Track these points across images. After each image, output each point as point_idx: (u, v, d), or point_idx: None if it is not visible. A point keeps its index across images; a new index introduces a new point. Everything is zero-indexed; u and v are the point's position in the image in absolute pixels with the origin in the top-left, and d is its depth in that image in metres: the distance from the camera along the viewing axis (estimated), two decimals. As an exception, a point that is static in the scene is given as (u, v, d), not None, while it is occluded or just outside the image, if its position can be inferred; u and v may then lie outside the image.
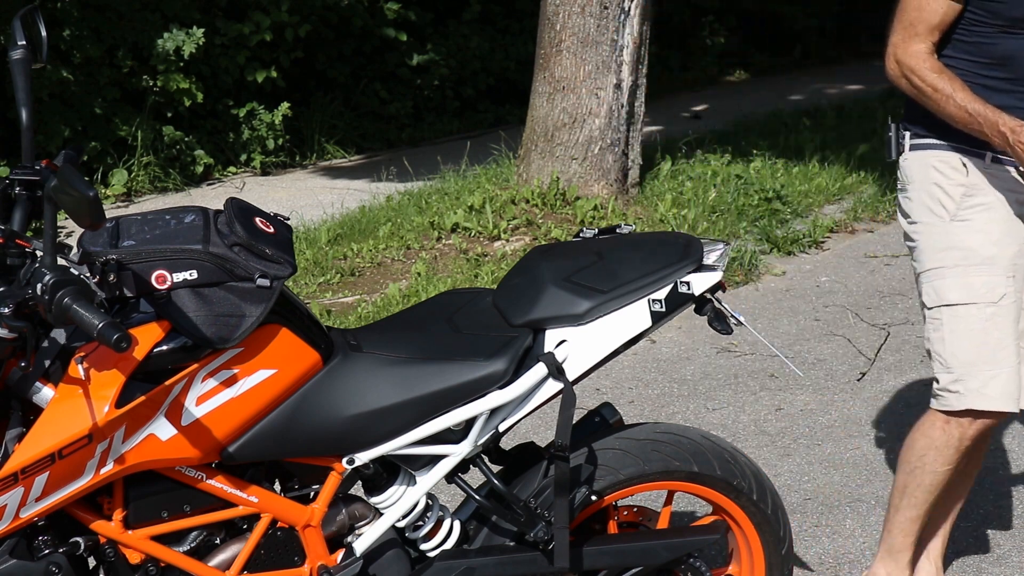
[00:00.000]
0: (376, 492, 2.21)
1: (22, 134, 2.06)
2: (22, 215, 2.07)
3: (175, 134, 8.33)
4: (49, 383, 1.90)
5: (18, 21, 2.09)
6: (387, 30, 9.93)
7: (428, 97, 10.31)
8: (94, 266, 1.90)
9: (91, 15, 8.15)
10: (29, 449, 1.87)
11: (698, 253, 2.25)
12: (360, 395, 2.11)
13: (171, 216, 2.04)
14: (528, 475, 2.31)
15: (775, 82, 12.30)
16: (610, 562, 2.34)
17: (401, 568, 2.24)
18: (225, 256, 1.96)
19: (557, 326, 2.18)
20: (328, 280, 5.73)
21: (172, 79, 8.29)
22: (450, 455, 2.18)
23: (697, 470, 2.36)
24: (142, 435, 1.95)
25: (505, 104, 10.72)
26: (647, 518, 2.48)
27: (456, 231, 6.23)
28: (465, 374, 2.13)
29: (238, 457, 2.07)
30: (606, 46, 6.35)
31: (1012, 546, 3.28)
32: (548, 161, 6.56)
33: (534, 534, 2.21)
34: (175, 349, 1.95)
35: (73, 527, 2.03)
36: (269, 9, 8.89)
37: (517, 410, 2.19)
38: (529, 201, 6.45)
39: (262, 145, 8.87)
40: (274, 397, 2.06)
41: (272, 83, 9.09)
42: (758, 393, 4.39)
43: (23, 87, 2.05)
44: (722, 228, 6.32)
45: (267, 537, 2.15)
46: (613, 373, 4.55)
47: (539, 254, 2.35)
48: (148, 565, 2.08)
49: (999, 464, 3.78)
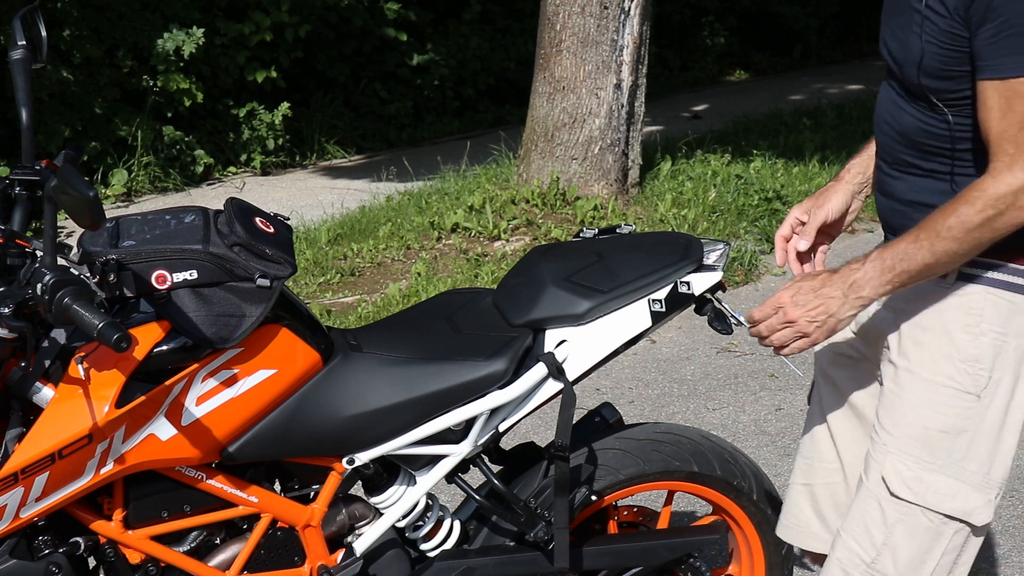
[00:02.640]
0: (376, 492, 2.21)
1: (22, 134, 2.06)
2: (22, 215, 2.07)
3: (175, 134, 8.33)
4: (49, 383, 1.90)
5: (18, 21, 2.09)
6: (387, 30, 9.94)
7: (428, 97, 10.31)
8: (94, 266, 1.90)
9: (91, 15, 8.15)
10: (29, 449, 1.87)
11: (698, 253, 2.24)
12: (360, 395, 2.11)
13: (171, 216, 2.04)
14: (528, 475, 2.31)
15: (775, 82, 12.29)
16: (610, 562, 2.34)
17: (401, 568, 2.24)
18: (225, 256, 1.96)
19: (557, 326, 2.18)
20: (328, 280, 5.73)
21: (172, 79, 8.29)
22: (450, 455, 2.18)
23: (697, 470, 2.36)
24: (142, 435, 1.95)
25: (505, 104, 10.72)
26: (647, 518, 2.48)
27: (456, 231, 6.23)
28: (465, 374, 2.13)
29: (238, 457, 2.07)
30: (606, 46, 6.34)
31: (1012, 546, 3.28)
32: (548, 161, 6.55)
33: (534, 534, 2.21)
34: (175, 349, 1.95)
35: (73, 527, 2.03)
36: (269, 9, 8.89)
37: (517, 410, 2.19)
38: (529, 201, 6.45)
39: (262, 145, 8.86)
40: (274, 397, 2.06)
41: (272, 83, 9.09)
42: (758, 393, 4.39)
43: (23, 87, 2.05)
44: (722, 228, 6.32)
45: (267, 537, 2.15)
46: (613, 373, 4.55)
47: (539, 254, 2.35)
48: (148, 565, 2.08)
49: (999, 464, 3.78)
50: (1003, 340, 1.86)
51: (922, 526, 1.91)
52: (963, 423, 1.89)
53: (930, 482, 1.90)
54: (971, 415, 1.88)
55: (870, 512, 1.95)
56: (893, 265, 1.83)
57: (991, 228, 1.76)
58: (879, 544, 1.94)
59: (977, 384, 1.87)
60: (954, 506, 1.90)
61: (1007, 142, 1.72)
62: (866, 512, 1.96)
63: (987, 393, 1.88)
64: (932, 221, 1.79)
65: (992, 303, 1.86)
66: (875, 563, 1.95)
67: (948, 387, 1.88)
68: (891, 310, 1.98)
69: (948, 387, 1.88)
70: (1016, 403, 1.90)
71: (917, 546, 1.92)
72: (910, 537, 1.92)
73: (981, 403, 1.88)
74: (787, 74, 12.97)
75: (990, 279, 1.85)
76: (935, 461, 1.90)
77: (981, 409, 1.88)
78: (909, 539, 1.92)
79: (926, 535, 1.92)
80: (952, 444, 1.89)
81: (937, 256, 1.80)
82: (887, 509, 1.93)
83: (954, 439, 1.89)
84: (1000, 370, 1.87)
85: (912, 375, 1.92)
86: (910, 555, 1.93)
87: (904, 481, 1.91)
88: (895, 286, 1.85)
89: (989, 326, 1.86)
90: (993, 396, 1.88)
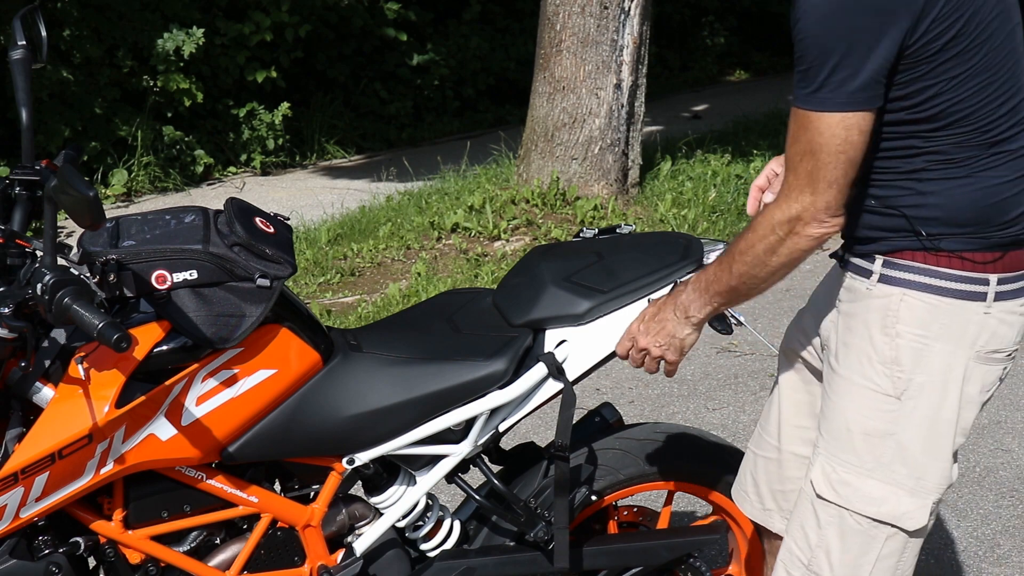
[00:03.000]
0: (376, 492, 2.21)
1: (22, 134, 2.06)
2: (22, 215, 2.07)
3: (175, 134, 8.34)
4: (49, 383, 1.90)
5: (18, 21, 2.09)
6: (387, 30, 9.94)
7: (428, 97, 10.31)
8: (94, 266, 1.89)
9: (91, 15, 8.15)
10: (29, 449, 1.87)
11: (698, 253, 2.24)
12: (360, 395, 2.11)
13: (171, 216, 2.04)
14: (528, 475, 2.31)
15: (775, 82, 12.29)
16: (610, 562, 2.34)
17: (401, 568, 2.24)
18: (225, 256, 1.96)
19: (557, 326, 2.18)
20: (328, 280, 5.73)
21: (172, 79, 8.29)
22: (450, 455, 2.18)
23: (697, 470, 2.36)
24: (142, 435, 1.95)
25: (505, 104, 10.72)
26: (647, 518, 2.48)
27: (456, 231, 6.23)
28: (465, 374, 2.13)
29: (238, 457, 2.07)
30: (606, 46, 6.34)
31: (1012, 546, 3.28)
32: (548, 161, 6.55)
33: (534, 534, 2.21)
34: (175, 349, 1.95)
35: (73, 527, 2.03)
36: (269, 9, 8.89)
37: (517, 410, 2.19)
38: (529, 201, 6.45)
39: (262, 145, 8.87)
40: (274, 397, 2.06)
41: (272, 83, 9.09)
42: (758, 393, 4.39)
43: (23, 87, 2.05)
44: (722, 228, 6.32)
45: (267, 537, 2.15)
46: (613, 373, 4.55)
47: (539, 254, 2.35)
48: (148, 565, 2.08)
49: (999, 464, 3.78)
50: (923, 343, 1.84)
51: (852, 529, 1.91)
52: (887, 426, 1.87)
53: (857, 486, 1.89)
54: (895, 418, 1.87)
55: (806, 513, 1.97)
56: (707, 287, 1.90)
57: (776, 254, 1.80)
58: (813, 545, 1.96)
59: (896, 387, 1.86)
60: (882, 511, 1.89)
61: (790, 171, 1.77)
62: (803, 512, 1.98)
63: (909, 396, 1.86)
64: (732, 244, 1.86)
65: (908, 305, 1.84)
66: (811, 564, 1.97)
67: (869, 389, 1.88)
68: (837, 311, 1.98)
69: (869, 389, 1.88)
70: (948, 408, 1.86)
71: (849, 549, 1.92)
72: (841, 539, 1.92)
73: (904, 406, 1.86)
74: (787, 74, 12.95)
75: (906, 281, 1.84)
76: (863, 465, 1.89)
77: (905, 412, 1.86)
78: (840, 541, 1.92)
79: (857, 538, 1.91)
80: (879, 447, 1.88)
81: (738, 279, 1.85)
82: (819, 511, 1.94)
83: (880, 442, 1.88)
84: (924, 374, 1.85)
85: (840, 377, 1.93)
86: (843, 558, 1.93)
87: (830, 484, 1.92)
88: (718, 305, 1.91)
89: (906, 327, 1.84)
90: (917, 399, 1.86)
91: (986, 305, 1.83)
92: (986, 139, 1.78)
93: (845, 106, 1.70)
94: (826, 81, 1.69)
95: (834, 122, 1.71)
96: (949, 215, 1.80)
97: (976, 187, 1.79)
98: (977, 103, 1.75)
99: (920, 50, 1.70)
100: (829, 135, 1.72)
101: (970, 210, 1.79)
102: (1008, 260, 1.84)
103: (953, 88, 1.73)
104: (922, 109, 1.75)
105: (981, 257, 1.82)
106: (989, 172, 1.79)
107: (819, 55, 1.69)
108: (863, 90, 1.69)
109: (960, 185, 1.79)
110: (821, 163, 1.73)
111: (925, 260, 1.83)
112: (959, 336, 1.83)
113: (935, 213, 1.80)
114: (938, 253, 1.82)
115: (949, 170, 1.79)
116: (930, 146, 1.78)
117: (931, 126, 1.76)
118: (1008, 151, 1.80)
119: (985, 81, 1.74)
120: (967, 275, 1.82)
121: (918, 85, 1.73)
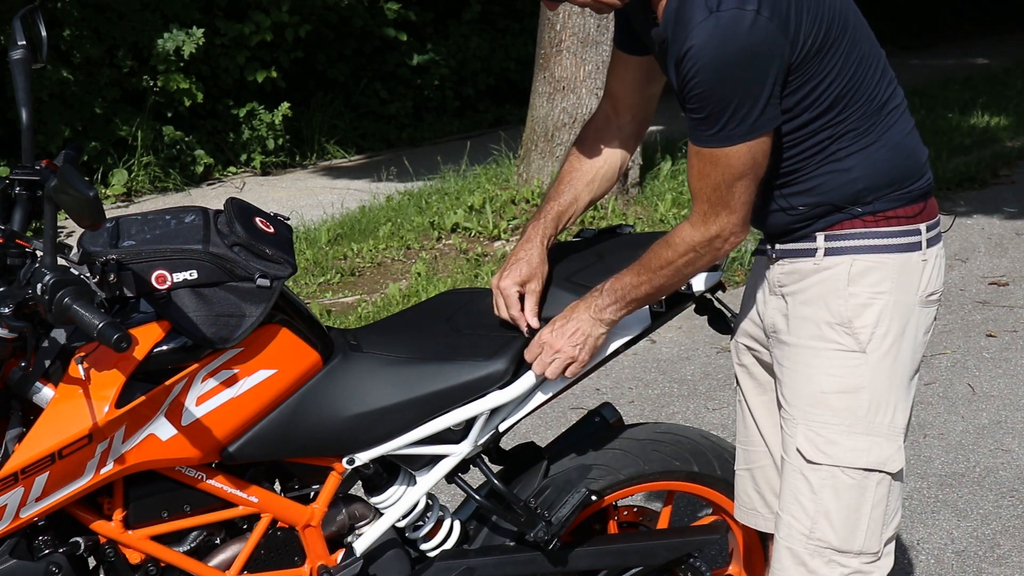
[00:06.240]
0: (376, 492, 2.21)
1: (22, 134, 2.06)
2: (22, 215, 2.07)
3: (175, 134, 8.34)
4: (49, 383, 1.90)
5: (18, 21, 2.09)
6: (387, 30, 9.94)
7: (428, 97, 10.31)
8: (94, 266, 1.89)
9: (91, 15, 8.15)
10: (29, 449, 1.87)
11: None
12: (360, 395, 2.11)
13: (171, 216, 2.04)
14: (528, 475, 2.31)
15: (775, 82, 12.27)
16: (610, 562, 2.34)
17: (401, 568, 2.24)
18: (225, 256, 1.96)
19: (557, 326, 2.18)
20: (328, 280, 5.73)
21: (172, 79, 8.29)
22: (450, 455, 2.18)
23: (697, 470, 2.36)
24: (142, 435, 1.95)
25: (505, 104, 10.72)
26: (647, 518, 2.48)
27: (456, 231, 6.23)
28: (465, 374, 2.13)
29: (238, 457, 2.07)
30: (606, 46, 6.34)
31: (1012, 546, 3.28)
32: (548, 161, 6.55)
33: (534, 534, 2.21)
34: (175, 349, 1.95)
35: (73, 527, 2.03)
36: (269, 9, 8.89)
37: (517, 410, 2.19)
38: (529, 201, 6.45)
39: (262, 145, 8.87)
40: (274, 397, 2.06)
41: (272, 83, 9.09)
42: (758, 393, 4.38)
43: (23, 87, 2.05)
44: (722, 228, 6.31)
45: (267, 537, 2.15)
46: (613, 373, 4.55)
47: (539, 254, 2.34)
48: (148, 565, 2.08)
49: (999, 464, 3.78)
50: (878, 298, 2.00)
51: (845, 485, 2.03)
52: (858, 380, 2.01)
53: (843, 443, 2.02)
54: (863, 371, 2.01)
55: (797, 484, 2.07)
56: (624, 295, 2.07)
57: (694, 266, 2.04)
58: (812, 513, 2.05)
59: (860, 341, 2.00)
60: (870, 459, 2.02)
61: (703, 200, 1.95)
62: (794, 486, 2.07)
63: (873, 348, 2.00)
64: (648, 260, 2.05)
65: (858, 268, 2.00)
66: (813, 532, 2.05)
67: (833, 350, 2.01)
68: (781, 296, 2.11)
69: (833, 350, 2.01)
70: (904, 353, 2.03)
71: (846, 505, 2.03)
72: (837, 498, 2.03)
73: (869, 358, 2.00)
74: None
75: (852, 247, 2.01)
76: (842, 422, 2.02)
77: (872, 363, 2.00)
78: (836, 500, 2.03)
79: (851, 492, 2.03)
80: (855, 402, 2.01)
81: (657, 287, 2.06)
82: (810, 477, 2.04)
83: (855, 397, 2.01)
84: (884, 324, 2.00)
85: (801, 348, 2.06)
86: (842, 515, 2.04)
87: (817, 446, 2.03)
88: (632, 309, 2.10)
89: (859, 288, 2.00)
90: (879, 349, 2.00)
91: (922, 253, 2.03)
92: (876, 103, 1.98)
93: (749, 135, 1.87)
94: (728, 121, 1.86)
95: (743, 151, 1.89)
96: (874, 180, 1.99)
97: (887, 146, 1.99)
98: (860, 76, 1.95)
99: (803, 60, 1.88)
100: (739, 164, 1.90)
101: (890, 168, 1.99)
102: (929, 209, 2.05)
103: (839, 72, 1.92)
104: (821, 101, 1.93)
105: (911, 210, 2.02)
106: (891, 130, 2.00)
107: (716, 105, 1.85)
108: (762, 115, 1.86)
109: (876, 150, 1.98)
110: (736, 189, 1.92)
111: (864, 225, 2.00)
112: (907, 285, 2.01)
113: (863, 184, 1.98)
114: (875, 215, 2.00)
115: (860, 141, 1.98)
116: (838, 130, 1.96)
117: (834, 112, 1.94)
118: (895, 106, 2.02)
119: (859, 55, 1.95)
120: (903, 229, 2.01)
121: (812, 83, 1.90)
